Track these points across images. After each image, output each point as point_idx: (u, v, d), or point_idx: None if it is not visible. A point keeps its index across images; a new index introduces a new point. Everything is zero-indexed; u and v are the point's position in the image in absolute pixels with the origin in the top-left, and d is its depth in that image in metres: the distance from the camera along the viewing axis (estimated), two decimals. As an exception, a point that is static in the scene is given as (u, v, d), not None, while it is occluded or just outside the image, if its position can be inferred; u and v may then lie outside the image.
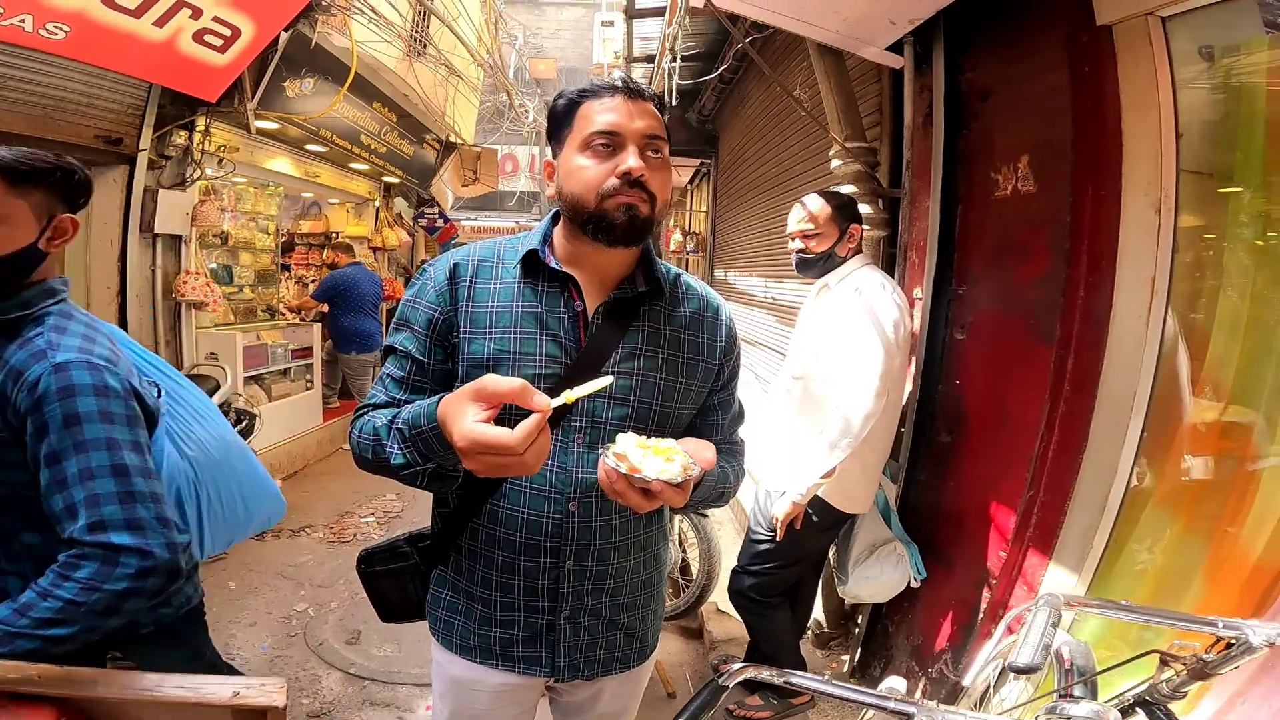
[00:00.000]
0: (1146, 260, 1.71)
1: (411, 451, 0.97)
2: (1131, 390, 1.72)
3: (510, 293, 1.11)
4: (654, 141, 1.05)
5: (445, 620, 1.22)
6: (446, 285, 1.11)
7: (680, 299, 1.19)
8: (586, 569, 1.14)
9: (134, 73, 3.47)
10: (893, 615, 2.66)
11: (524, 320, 1.09)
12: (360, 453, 1.08)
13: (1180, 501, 1.72)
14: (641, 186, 1.03)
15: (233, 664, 2.83)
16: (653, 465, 0.89)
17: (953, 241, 2.42)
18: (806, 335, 2.39)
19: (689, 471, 0.91)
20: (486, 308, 1.10)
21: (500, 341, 1.08)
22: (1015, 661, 0.92)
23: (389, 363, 1.14)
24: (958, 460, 2.37)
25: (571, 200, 1.06)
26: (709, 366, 1.19)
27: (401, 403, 1.10)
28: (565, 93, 1.10)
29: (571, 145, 1.06)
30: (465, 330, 1.10)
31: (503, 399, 0.86)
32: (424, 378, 1.12)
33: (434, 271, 1.13)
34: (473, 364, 1.09)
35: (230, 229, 5.21)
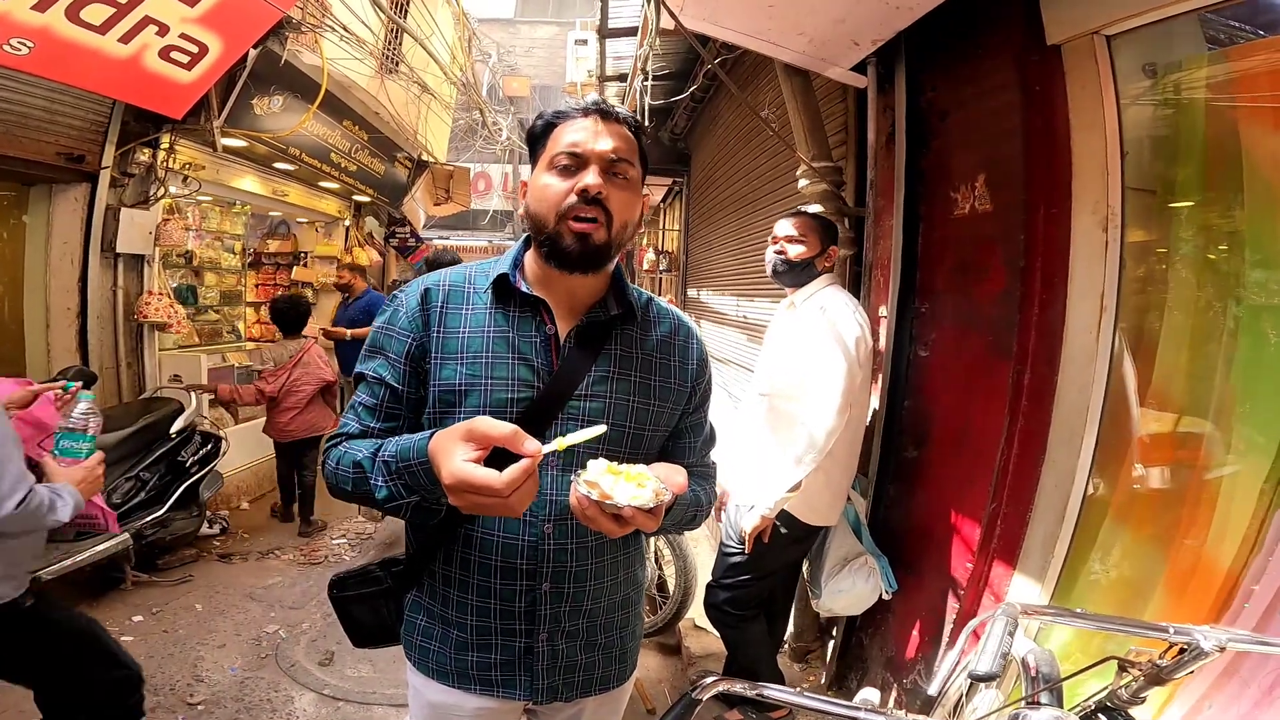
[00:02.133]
0: (1095, 276, 1.77)
1: (397, 484, 0.98)
2: (1085, 403, 1.78)
3: (481, 318, 1.12)
4: (619, 164, 1.08)
5: (421, 645, 1.22)
6: (419, 311, 1.12)
7: (651, 323, 1.21)
8: (563, 591, 1.15)
9: (98, 89, 3.43)
10: (867, 627, 2.69)
11: (495, 345, 1.10)
12: (338, 484, 1.08)
13: (1135, 511, 1.78)
14: (600, 205, 1.05)
15: (200, 686, 2.81)
16: (624, 491, 0.91)
17: (915, 259, 2.48)
18: (772, 353, 2.45)
19: (660, 497, 0.93)
20: (458, 334, 1.11)
21: (472, 367, 1.09)
22: (975, 670, 0.96)
23: (361, 391, 1.15)
24: (925, 474, 2.42)
25: (534, 218, 1.09)
26: (680, 389, 1.21)
27: (376, 431, 1.11)
28: (544, 114, 1.13)
29: (541, 165, 1.10)
30: (437, 356, 1.10)
31: (494, 442, 0.88)
32: (398, 405, 1.12)
33: (406, 298, 1.14)
34: (444, 390, 1.10)
35: (195, 249, 5.12)
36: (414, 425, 1.13)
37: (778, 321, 2.48)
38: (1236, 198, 1.64)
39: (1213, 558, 1.59)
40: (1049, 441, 1.88)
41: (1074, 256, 1.82)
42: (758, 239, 3.97)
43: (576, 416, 1.11)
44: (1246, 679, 1.39)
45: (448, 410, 1.09)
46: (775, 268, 2.40)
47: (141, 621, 3.30)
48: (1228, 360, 1.60)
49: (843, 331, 2.18)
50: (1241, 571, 1.49)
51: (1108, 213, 1.75)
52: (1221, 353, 1.62)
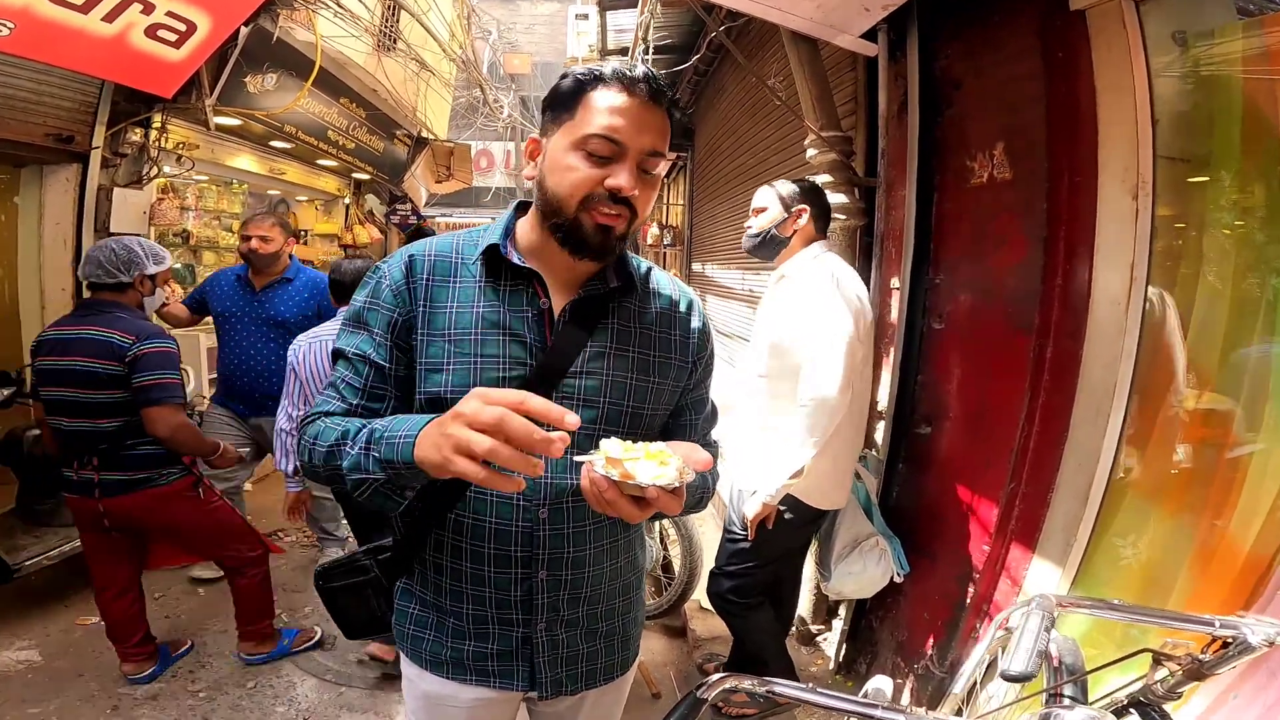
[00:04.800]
0: (1124, 246, 1.68)
1: (370, 455, 0.89)
2: (1112, 378, 1.70)
3: (470, 293, 1.04)
4: (652, 159, 0.98)
5: (413, 634, 1.16)
6: (404, 284, 1.04)
7: (651, 295, 1.14)
8: (561, 579, 1.09)
9: (84, 69, 3.35)
10: (877, 611, 2.63)
11: (485, 321, 1.03)
12: (311, 460, 1.00)
13: (1164, 492, 1.70)
14: (625, 203, 0.97)
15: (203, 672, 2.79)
16: (646, 470, 0.82)
17: (929, 230, 2.39)
18: (766, 331, 2.32)
19: (684, 476, 0.84)
20: (445, 309, 1.03)
21: (460, 344, 1.02)
22: (1009, 669, 0.88)
23: (342, 368, 1.07)
24: (938, 452, 2.35)
25: (551, 198, 1.00)
26: (681, 365, 1.14)
27: (360, 409, 1.03)
28: (574, 71, 1.01)
29: (567, 136, 0.97)
30: (423, 332, 1.03)
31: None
32: (384, 384, 1.05)
33: (389, 270, 1.06)
34: (431, 368, 1.03)
35: (193, 228, 5.05)
36: (399, 409, 1.06)
37: (769, 296, 2.36)
38: (1274, 169, 1.55)
39: (1242, 542, 1.52)
40: (1072, 419, 1.80)
41: (1101, 226, 1.73)
42: None
43: (571, 395, 1.04)
44: (1275, 670, 1.32)
45: (434, 390, 1.02)
46: (745, 246, 2.33)
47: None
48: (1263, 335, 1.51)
49: (841, 304, 2.08)
50: (1275, 557, 1.42)
51: (1138, 181, 1.65)
52: (1257, 327, 1.53)
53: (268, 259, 3.23)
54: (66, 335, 2.33)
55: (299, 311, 3.29)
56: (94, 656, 2.82)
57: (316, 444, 0.99)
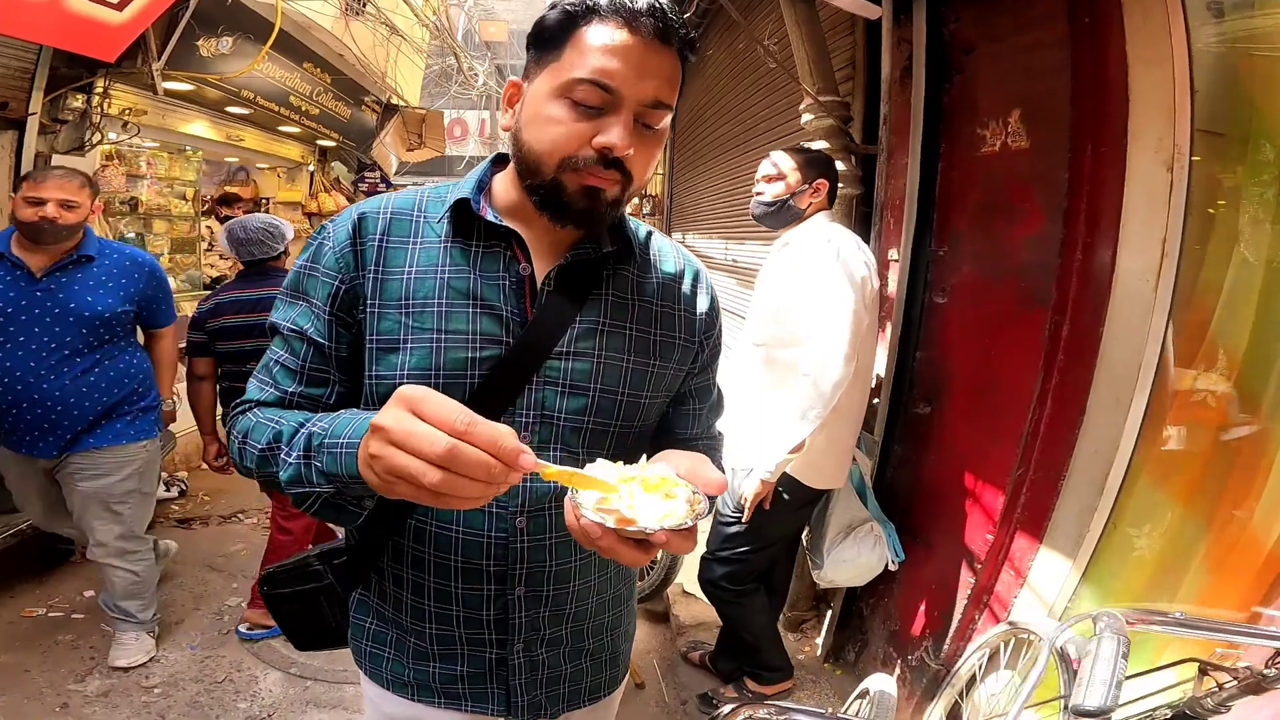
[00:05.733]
0: (1157, 220, 1.56)
1: (310, 465, 0.74)
2: (1137, 360, 1.59)
3: (434, 255, 0.87)
4: (656, 111, 0.80)
5: (372, 652, 1.01)
6: (349, 246, 0.87)
7: (652, 263, 0.98)
8: (541, 595, 0.94)
9: (17, 34, 3.08)
10: (868, 598, 2.54)
11: (452, 289, 0.86)
12: (243, 461, 0.84)
13: (1183, 481, 1.60)
14: (618, 167, 0.80)
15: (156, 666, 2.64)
16: (649, 509, 0.66)
17: (932, 200, 2.27)
18: (766, 297, 2.20)
19: (696, 506, 0.68)
20: (402, 274, 0.87)
21: (419, 317, 0.85)
22: (1084, 704, 0.75)
23: (276, 347, 0.90)
24: (939, 433, 2.24)
25: (527, 154, 0.82)
26: (687, 345, 0.99)
27: (297, 398, 0.87)
28: (563, 2, 0.81)
29: (550, 80, 0.79)
30: (374, 303, 0.86)
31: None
32: (325, 365, 0.88)
33: (334, 229, 0.89)
34: (384, 346, 0.86)
35: (143, 195, 4.81)
36: (348, 394, 0.90)
37: (771, 263, 2.24)
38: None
39: (1264, 535, 1.43)
40: (1089, 402, 1.69)
41: (1129, 198, 1.61)
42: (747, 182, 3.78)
43: (556, 381, 0.88)
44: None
45: (388, 374, 0.86)
46: (754, 211, 2.18)
47: (94, 596, 3.08)
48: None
49: (846, 272, 1.95)
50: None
51: (1174, 152, 1.53)
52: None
53: (65, 231, 2.26)
54: (249, 296, 2.65)
55: (115, 304, 2.35)
56: (41, 651, 2.64)
57: (248, 443, 0.83)
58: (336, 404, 0.89)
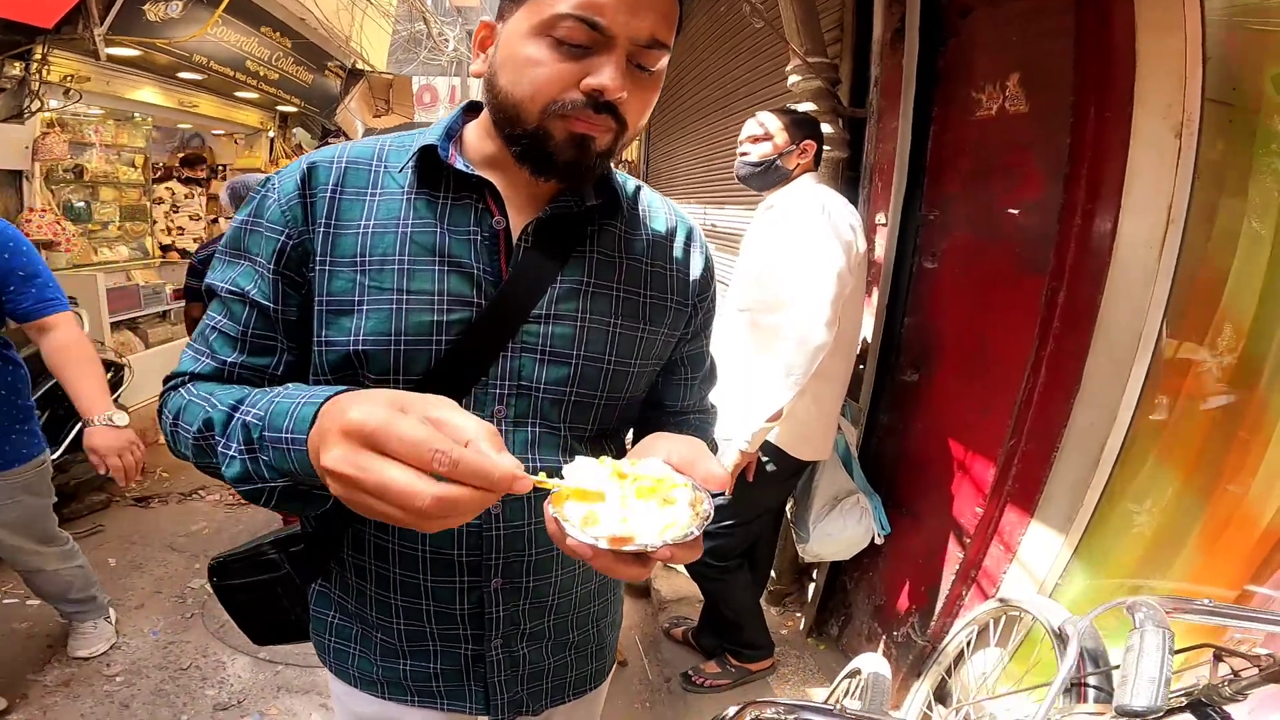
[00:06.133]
0: (1163, 186, 1.50)
1: (257, 460, 0.63)
2: (1138, 327, 1.53)
3: (394, 208, 0.77)
4: (652, 51, 0.70)
5: (336, 648, 0.92)
6: (297, 198, 0.76)
7: (641, 219, 0.88)
8: (520, 587, 0.86)
9: (-54, 0, 2.89)
10: (852, 572, 2.51)
11: (415, 245, 0.76)
12: (177, 447, 0.74)
13: (1186, 455, 1.56)
14: (611, 111, 0.70)
15: (117, 653, 2.52)
16: (647, 521, 0.57)
17: (923, 164, 2.19)
18: (750, 261, 2.12)
19: (699, 507, 0.59)
20: (358, 228, 0.76)
21: (377, 276, 0.75)
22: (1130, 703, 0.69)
23: (214, 311, 0.79)
24: (927, 402, 2.19)
25: (505, 101, 0.71)
26: (679, 308, 0.90)
27: (238, 369, 0.77)
28: None
29: (528, 17, 0.69)
30: (324, 261, 0.76)
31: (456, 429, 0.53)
32: (270, 331, 0.78)
33: (279, 180, 0.78)
34: (335, 309, 0.76)
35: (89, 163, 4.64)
36: (298, 363, 0.80)
37: (755, 226, 2.16)
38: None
39: (1262, 511, 1.40)
40: (1086, 371, 1.64)
41: (1133, 164, 1.54)
42: (728, 146, 3.69)
43: (535, 347, 0.79)
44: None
45: (340, 339, 0.76)
46: (739, 172, 2.10)
47: (49, 584, 2.94)
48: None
49: (833, 232, 1.87)
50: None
51: (1183, 119, 1.46)
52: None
53: None
54: None
55: None
56: (0, 639, 2.52)
57: (180, 427, 0.72)
58: (285, 375, 0.79)
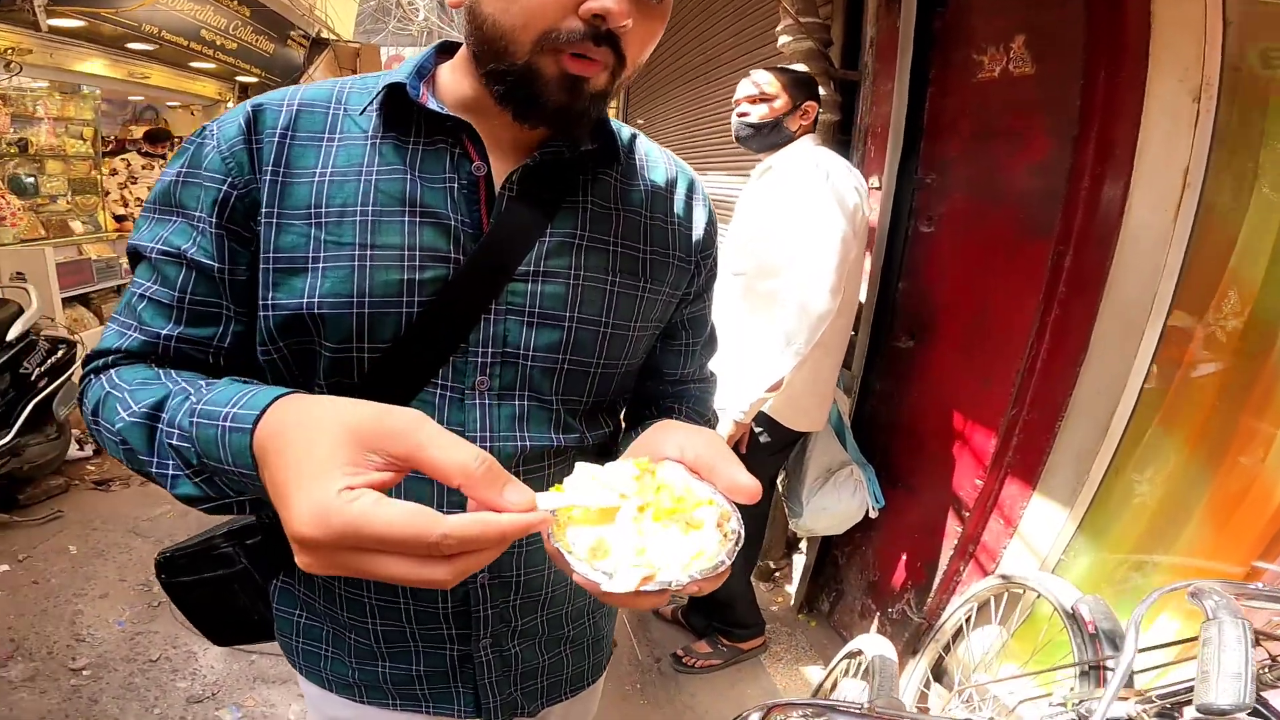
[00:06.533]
0: (1179, 150, 1.45)
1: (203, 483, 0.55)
2: (1150, 293, 1.48)
3: (356, 155, 0.66)
4: None
5: (305, 649, 0.83)
6: (242, 143, 0.65)
7: (638, 168, 0.79)
8: (509, 582, 0.77)
9: None
10: (843, 546, 2.47)
11: (381, 194, 0.66)
12: (101, 444, 0.63)
13: (1197, 425, 1.51)
14: (612, 44, 0.60)
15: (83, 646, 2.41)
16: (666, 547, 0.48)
17: (919, 127, 2.11)
18: (746, 225, 2.04)
19: (728, 529, 0.50)
20: (312, 177, 0.65)
21: (336, 230, 0.64)
22: (1213, 701, 0.62)
23: (142, 277, 0.68)
24: (923, 369, 2.12)
25: (491, 32, 0.60)
26: (682, 265, 0.81)
27: (174, 341, 0.66)
28: None
29: None
30: (272, 212, 0.65)
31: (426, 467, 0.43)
32: (214, 296, 0.67)
33: (219, 126, 0.66)
34: (285, 266, 0.65)
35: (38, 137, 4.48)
36: (247, 333, 0.69)
37: (751, 190, 2.07)
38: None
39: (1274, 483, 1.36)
40: (1093, 337, 1.59)
41: (1147, 128, 1.49)
42: (713, 110, 3.58)
43: (522, 309, 0.69)
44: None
45: (289, 302, 0.65)
46: (738, 133, 2.00)
47: (7, 572, 2.81)
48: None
49: (835, 197, 1.79)
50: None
51: (1201, 82, 1.41)
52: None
53: None
54: None
55: None
56: (-41, 633, 2.39)
57: (100, 425, 0.62)
58: (232, 350, 0.68)
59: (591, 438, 0.78)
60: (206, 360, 0.67)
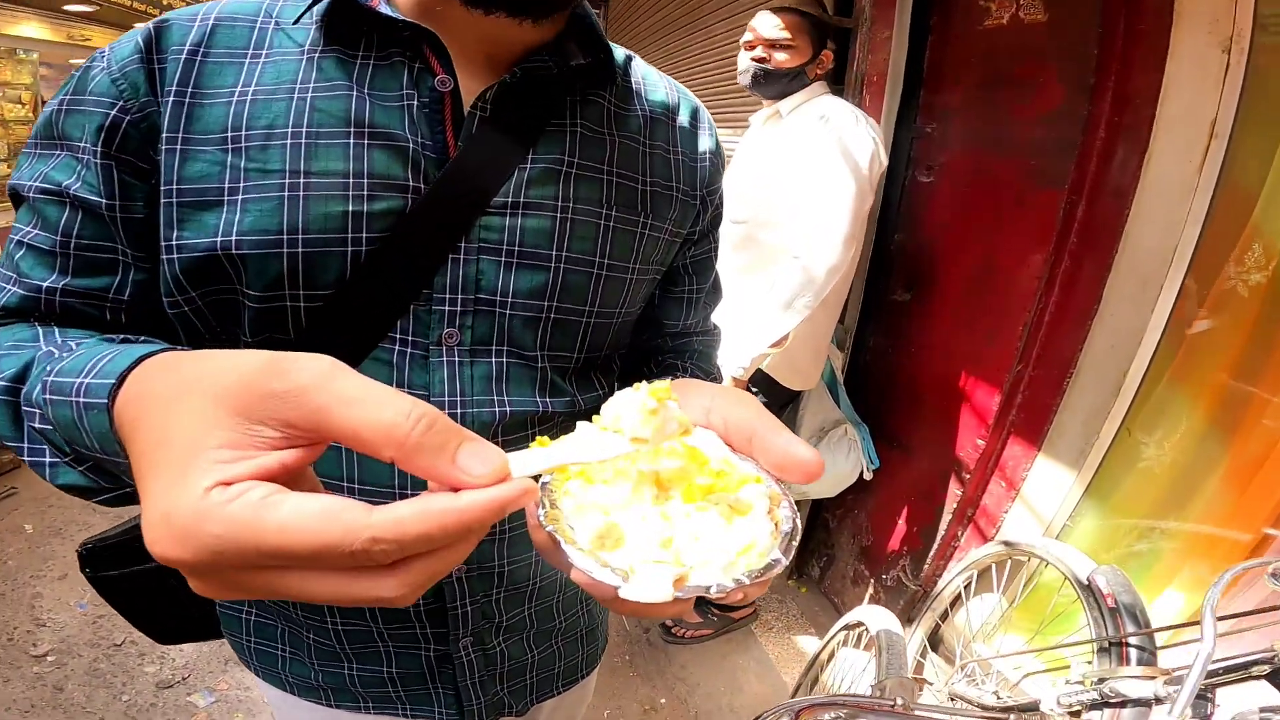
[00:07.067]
0: (1206, 101, 1.37)
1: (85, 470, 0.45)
2: (1170, 245, 1.40)
3: (289, 70, 0.54)
4: None
5: (259, 649, 0.73)
6: (138, 63, 0.53)
7: (635, 91, 0.67)
8: (491, 573, 0.66)
9: None
10: (834, 509, 2.41)
11: (319, 113, 0.53)
12: None
13: (1216, 384, 1.45)
14: None
15: (44, 631, 2.31)
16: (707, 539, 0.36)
17: (919, 75, 2.00)
18: (749, 171, 1.92)
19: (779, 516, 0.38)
20: (230, 97, 0.53)
21: (261, 155, 0.52)
22: None
23: (21, 222, 0.56)
24: (920, 324, 2.04)
25: None
26: (686, 200, 0.69)
27: (58, 295, 0.54)
28: None
29: None
30: (176, 137, 0.53)
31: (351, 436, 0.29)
32: (106, 239, 0.54)
33: (113, 48, 0.54)
34: (191, 201, 0.53)
35: None
36: (150, 281, 0.57)
37: (755, 136, 1.95)
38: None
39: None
40: (1107, 290, 1.51)
41: (1171, 78, 1.40)
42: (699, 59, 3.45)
43: (498, 247, 0.58)
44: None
45: (199, 241, 0.53)
46: (755, 77, 1.84)
47: (-38, 555, 2.67)
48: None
49: (852, 146, 1.69)
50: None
51: (1232, 33, 1.33)
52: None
53: None
54: None
55: None
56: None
57: None
58: (135, 303, 0.56)
59: (584, 401, 0.67)
60: (103, 317, 0.55)
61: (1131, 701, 0.89)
